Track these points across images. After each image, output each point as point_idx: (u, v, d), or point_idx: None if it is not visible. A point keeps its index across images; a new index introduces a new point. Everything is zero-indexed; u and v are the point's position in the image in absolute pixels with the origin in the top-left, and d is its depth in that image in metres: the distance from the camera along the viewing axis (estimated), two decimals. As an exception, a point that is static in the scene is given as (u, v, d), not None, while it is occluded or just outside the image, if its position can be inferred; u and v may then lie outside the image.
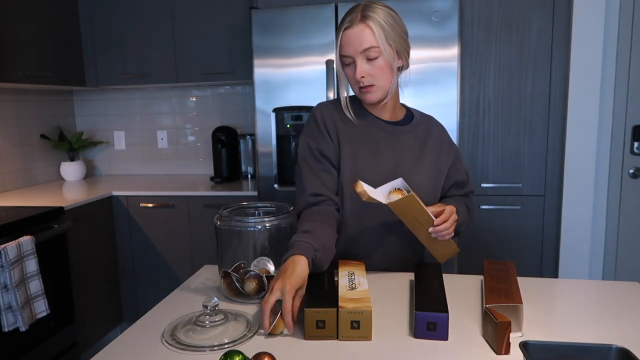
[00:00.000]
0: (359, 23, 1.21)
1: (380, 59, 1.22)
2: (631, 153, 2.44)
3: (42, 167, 3.10)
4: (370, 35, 1.20)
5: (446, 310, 0.96)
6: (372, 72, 1.24)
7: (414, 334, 0.98)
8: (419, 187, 1.29)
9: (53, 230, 2.18)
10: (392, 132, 1.34)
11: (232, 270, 1.19)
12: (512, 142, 2.44)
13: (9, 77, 2.44)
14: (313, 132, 1.34)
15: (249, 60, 2.69)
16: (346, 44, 1.23)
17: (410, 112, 1.41)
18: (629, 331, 0.99)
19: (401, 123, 1.36)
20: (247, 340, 0.98)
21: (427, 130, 1.38)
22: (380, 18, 1.21)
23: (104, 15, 2.94)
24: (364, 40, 1.21)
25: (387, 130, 1.33)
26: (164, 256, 2.77)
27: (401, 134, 1.34)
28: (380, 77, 1.24)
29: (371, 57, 1.22)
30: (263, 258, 1.22)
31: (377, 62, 1.23)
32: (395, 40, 1.23)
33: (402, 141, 1.33)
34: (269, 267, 1.21)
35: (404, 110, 1.40)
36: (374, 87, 1.25)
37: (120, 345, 0.98)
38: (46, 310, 2.03)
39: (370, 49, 1.21)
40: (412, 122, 1.38)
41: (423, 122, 1.39)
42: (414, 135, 1.35)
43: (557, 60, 2.36)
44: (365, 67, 1.23)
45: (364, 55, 1.22)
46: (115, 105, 3.36)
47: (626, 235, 2.50)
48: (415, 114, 1.41)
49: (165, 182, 3.02)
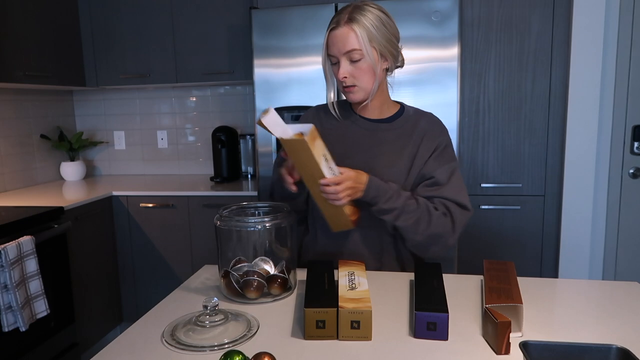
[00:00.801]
0: (344, 25, 1.23)
1: (363, 61, 1.24)
2: (631, 153, 2.44)
3: (42, 167, 3.10)
4: (353, 39, 1.22)
5: (446, 310, 0.96)
6: (355, 73, 1.26)
7: (414, 334, 0.98)
8: (395, 181, 1.29)
9: (53, 230, 2.18)
10: (373, 129, 1.35)
11: (232, 267, 1.19)
12: (512, 142, 2.44)
13: (9, 77, 2.44)
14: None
15: (249, 60, 2.69)
16: (331, 44, 1.26)
17: (402, 110, 1.40)
18: (629, 331, 0.99)
19: (386, 120, 1.37)
20: (247, 340, 0.98)
21: (413, 125, 1.35)
22: (367, 21, 1.22)
23: (104, 15, 2.94)
24: (347, 43, 1.23)
25: (368, 128, 1.36)
26: (164, 256, 2.77)
27: (382, 131, 1.35)
28: (362, 78, 1.26)
29: (354, 59, 1.24)
30: (263, 258, 1.22)
31: (359, 64, 1.25)
32: (380, 44, 1.24)
33: (382, 138, 1.34)
34: (268, 268, 1.21)
35: (396, 108, 1.39)
36: (356, 87, 1.28)
37: (120, 345, 0.98)
38: (46, 310, 2.03)
39: (352, 51, 1.23)
40: (399, 119, 1.36)
41: (413, 118, 1.37)
42: (398, 132, 1.35)
43: (557, 60, 2.36)
44: (347, 67, 1.26)
45: (347, 57, 1.25)
46: (115, 105, 3.36)
47: (626, 235, 2.50)
48: (407, 110, 1.39)
49: (165, 182, 3.02)
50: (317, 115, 1.43)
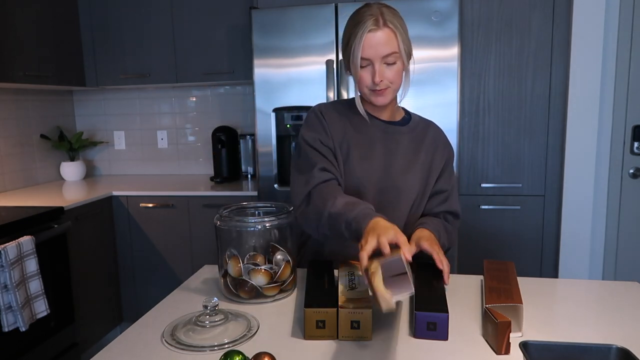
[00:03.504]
0: (384, 27, 1.19)
1: (398, 63, 1.22)
2: (631, 153, 2.44)
3: (42, 167, 3.10)
4: (394, 41, 1.20)
5: (446, 310, 0.96)
6: (389, 75, 1.23)
7: (414, 334, 0.98)
8: (410, 187, 1.31)
9: (53, 230, 2.18)
10: (390, 131, 1.34)
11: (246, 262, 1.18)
12: (512, 142, 2.44)
13: (9, 77, 2.44)
14: (315, 125, 1.34)
15: (249, 60, 2.69)
16: (368, 47, 1.20)
17: (408, 115, 1.41)
18: (629, 331, 0.99)
19: (399, 123, 1.36)
20: (247, 340, 0.98)
21: (423, 133, 1.37)
22: (398, 22, 1.21)
23: (104, 15, 2.94)
24: (388, 45, 1.19)
25: (385, 130, 1.34)
26: (164, 256, 2.77)
27: (398, 134, 1.34)
28: (395, 80, 1.25)
29: (390, 62, 1.21)
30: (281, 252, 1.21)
31: (393, 67, 1.23)
32: (407, 45, 1.24)
33: (398, 141, 1.34)
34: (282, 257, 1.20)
35: (402, 113, 1.40)
36: (388, 89, 1.25)
37: (120, 345, 0.98)
38: (46, 310, 2.03)
39: (392, 54, 1.20)
40: (410, 123, 1.37)
41: (420, 125, 1.39)
42: (411, 136, 1.35)
43: (557, 60, 2.36)
44: (384, 71, 1.22)
45: (384, 60, 1.21)
46: (115, 105, 3.36)
47: (626, 235, 2.50)
48: (414, 116, 1.41)
49: (165, 182, 3.02)
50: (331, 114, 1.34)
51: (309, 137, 1.32)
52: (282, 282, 1.18)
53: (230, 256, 1.18)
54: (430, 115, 1.45)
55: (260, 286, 1.15)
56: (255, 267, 1.17)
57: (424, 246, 1.17)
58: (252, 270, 1.15)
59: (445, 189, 1.37)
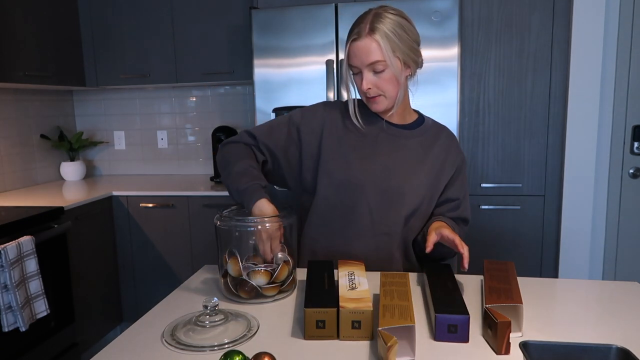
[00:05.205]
0: (366, 36, 1.18)
1: (387, 71, 1.21)
2: (631, 153, 2.44)
3: (42, 167, 3.10)
4: (376, 50, 1.18)
5: (466, 312, 0.95)
6: (379, 83, 1.23)
7: (434, 337, 0.96)
8: (414, 191, 1.30)
9: (53, 230, 2.18)
10: (395, 134, 1.33)
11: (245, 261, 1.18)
12: (512, 142, 2.44)
13: (9, 77, 2.44)
14: (307, 116, 1.37)
15: (249, 60, 2.69)
16: (353, 56, 1.21)
17: (422, 118, 1.40)
18: (629, 331, 0.99)
19: (408, 127, 1.35)
20: (247, 340, 0.98)
21: (435, 138, 1.36)
22: (389, 29, 1.18)
23: (104, 15, 2.94)
24: (371, 55, 1.19)
25: (390, 132, 1.33)
26: (164, 256, 2.77)
27: (404, 137, 1.33)
28: (387, 88, 1.24)
29: (378, 69, 1.21)
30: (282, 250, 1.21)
31: (383, 75, 1.22)
32: (403, 52, 1.21)
33: (404, 144, 1.33)
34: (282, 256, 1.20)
35: (415, 116, 1.39)
36: (381, 97, 1.25)
37: (120, 345, 0.98)
38: (46, 310, 2.03)
39: (376, 62, 1.19)
40: (421, 127, 1.36)
41: (433, 129, 1.37)
42: (419, 140, 1.34)
43: (557, 60, 2.36)
44: (371, 79, 1.22)
45: (370, 68, 1.21)
46: (115, 105, 3.36)
47: (626, 235, 2.50)
48: (427, 120, 1.39)
49: (165, 182, 3.02)
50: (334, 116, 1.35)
51: (295, 116, 1.38)
52: (282, 282, 1.18)
53: (230, 256, 1.18)
54: (430, 115, 1.45)
55: (260, 286, 1.15)
56: (255, 267, 1.17)
57: (445, 233, 1.17)
58: (252, 271, 1.15)
59: (457, 197, 1.37)
